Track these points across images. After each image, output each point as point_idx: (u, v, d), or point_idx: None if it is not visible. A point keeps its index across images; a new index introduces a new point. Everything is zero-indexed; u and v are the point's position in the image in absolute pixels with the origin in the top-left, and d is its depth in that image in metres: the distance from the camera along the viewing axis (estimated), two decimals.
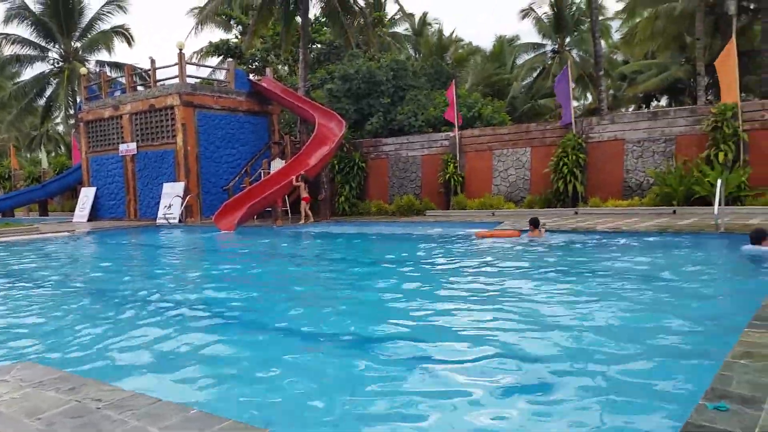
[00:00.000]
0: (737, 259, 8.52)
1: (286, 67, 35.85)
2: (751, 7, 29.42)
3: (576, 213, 16.48)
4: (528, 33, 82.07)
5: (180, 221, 20.38)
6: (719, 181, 10.76)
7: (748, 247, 8.54)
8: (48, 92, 36.73)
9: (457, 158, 19.94)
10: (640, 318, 5.19)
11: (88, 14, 35.63)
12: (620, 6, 40.75)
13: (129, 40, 36.78)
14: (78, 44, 36.22)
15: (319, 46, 33.07)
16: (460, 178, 19.81)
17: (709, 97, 28.38)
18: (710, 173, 14.85)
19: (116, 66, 36.04)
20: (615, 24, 40.82)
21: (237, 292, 7.48)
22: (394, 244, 13.06)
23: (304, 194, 18.47)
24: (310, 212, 18.84)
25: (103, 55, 36.88)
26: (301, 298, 7.05)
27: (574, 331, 4.82)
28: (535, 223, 11.73)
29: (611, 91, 38.09)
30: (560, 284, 7.04)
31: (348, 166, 22.04)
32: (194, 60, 35.82)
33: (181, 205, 20.61)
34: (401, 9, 39.12)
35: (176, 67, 21.29)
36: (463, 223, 15.89)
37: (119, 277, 9.30)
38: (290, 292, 7.55)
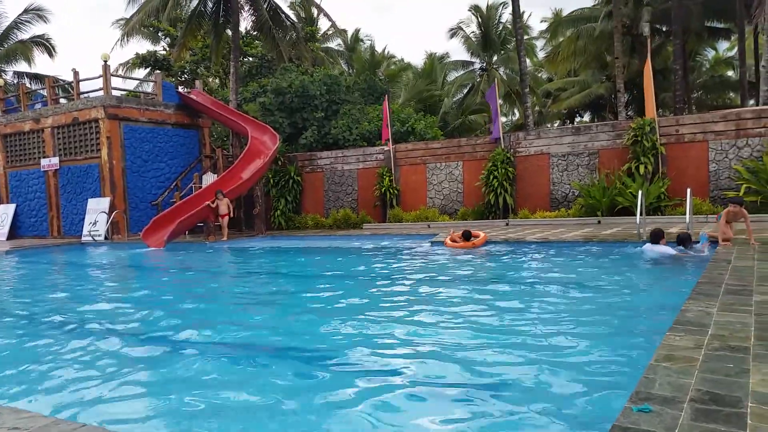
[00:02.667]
0: (658, 265, 8.96)
1: (216, 80, 35.29)
2: (664, 29, 31.28)
3: (507, 224, 16.91)
4: (457, 51, 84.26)
5: (106, 238, 19.59)
6: (640, 193, 11.33)
7: (648, 247, 9.62)
8: None
9: (392, 172, 20.11)
10: (566, 324, 5.35)
11: (4, 23, 33.93)
12: (544, 26, 42.49)
13: (50, 50, 35.22)
14: None
15: (250, 59, 32.76)
16: (396, 191, 19.98)
17: (629, 113, 29.87)
18: (632, 185, 15.59)
19: (36, 78, 34.44)
20: (539, 43, 42.59)
21: (162, 311, 7.23)
22: (333, 257, 13.00)
23: (225, 210, 18.08)
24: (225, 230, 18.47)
25: (22, 66, 35.11)
26: (232, 314, 6.88)
27: (493, 338, 4.93)
28: (467, 236, 12.08)
29: (537, 108, 39.50)
30: (486, 293, 7.18)
31: (283, 180, 21.84)
32: (120, 72, 34.71)
33: (107, 221, 19.82)
34: (333, 25, 39.31)
35: (101, 79, 20.55)
36: (401, 235, 16.01)
37: (37, 299, 8.82)
38: (220, 310, 7.37)
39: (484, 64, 38.23)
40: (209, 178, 20.91)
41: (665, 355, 3.53)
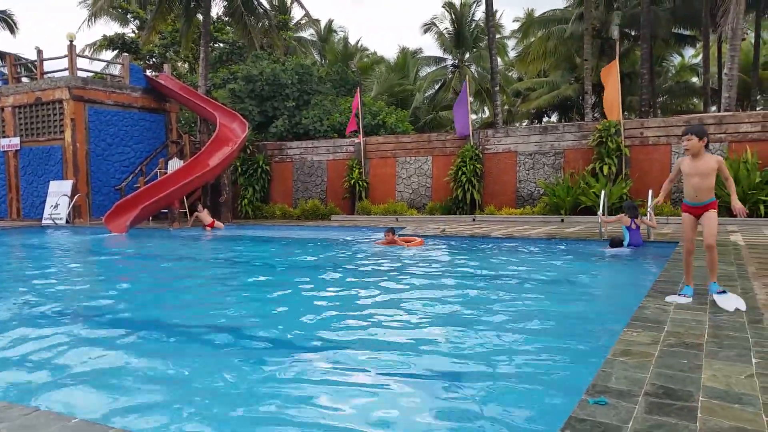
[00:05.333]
0: (618, 264, 9.16)
1: (186, 65, 34.70)
2: (632, 33, 31.88)
3: (474, 220, 17.07)
4: (430, 47, 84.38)
5: (67, 222, 19.16)
6: (603, 193, 11.56)
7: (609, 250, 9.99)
8: None
9: (362, 164, 20.10)
10: (526, 318, 5.43)
11: None
12: (516, 26, 42.88)
13: (12, 26, 34.17)
14: None
15: (221, 45, 32.27)
16: (365, 184, 19.98)
17: (595, 115, 30.41)
18: (595, 185, 15.88)
19: None
20: (511, 43, 42.95)
21: (120, 295, 7.12)
22: (298, 247, 12.93)
23: (209, 220, 17.46)
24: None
25: None
26: (185, 302, 6.81)
27: (456, 330, 4.98)
28: (392, 231, 11.60)
29: (506, 107, 39.86)
30: (448, 287, 7.24)
31: (252, 169, 21.63)
32: (86, 53, 33.85)
33: (69, 204, 19.36)
34: (307, 14, 38.96)
35: (66, 59, 20.03)
36: (369, 228, 16.02)
37: None
38: (177, 297, 7.28)
39: (456, 61, 38.40)
40: (175, 164, 20.57)
41: (622, 350, 3.62)
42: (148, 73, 25.82)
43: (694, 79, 38.98)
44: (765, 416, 2.61)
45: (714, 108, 30.51)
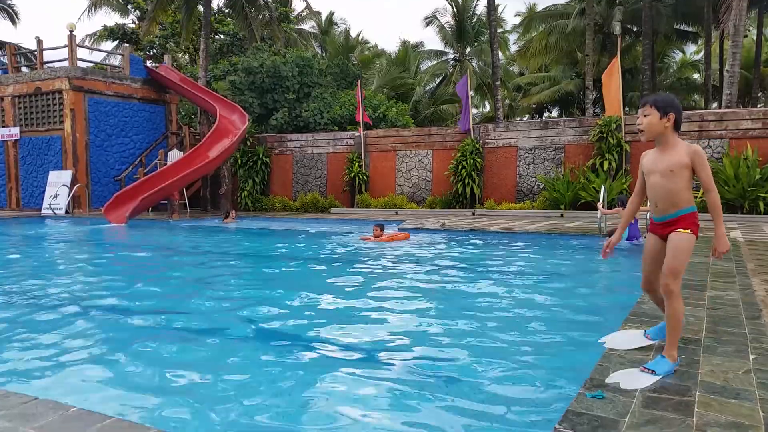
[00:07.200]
0: (617, 259, 9.16)
1: (186, 56, 34.64)
2: (634, 29, 31.79)
3: (473, 214, 17.07)
4: (432, 40, 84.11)
5: (66, 212, 19.16)
6: (603, 188, 11.56)
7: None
8: None
9: (362, 157, 20.07)
10: (522, 312, 5.44)
11: None
12: (518, 20, 42.71)
13: (13, 17, 34.04)
14: None
15: (222, 36, 32.19)
16: (365, 177, 19.96)
17: (596, 110, 30.34)
18: (595, 180, 15.88)
19: None
20: (512, 37, 42.79)
21: (118, 285, 7.13)
22: (296, 239, 12.94)
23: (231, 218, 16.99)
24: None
25: None
26: (186, 293, 6.81)
27: (456, 325, 4.99)
28: (380, 228, 11.45)
29: (507, 101, 39.75)
30: (447, 280, 7.24)
31: (251, 161, 21.61)
32: (87, 44, 33.75)
33: (68, 195, 19.36)
34: (308, 6, 38.81)
35: (66, 49, 19.98)
36: (368, 221, 16.02)
37: None
38: (176, 288, 7.29)
39: (458, 55, 38.28)
40: (175, 155, 20.56)
41: None
42: (149, 64, 25.76)
43: (696, 76, 38.87)
44: (762, 411, 2.61)
45: (715, 105, 30.44)
